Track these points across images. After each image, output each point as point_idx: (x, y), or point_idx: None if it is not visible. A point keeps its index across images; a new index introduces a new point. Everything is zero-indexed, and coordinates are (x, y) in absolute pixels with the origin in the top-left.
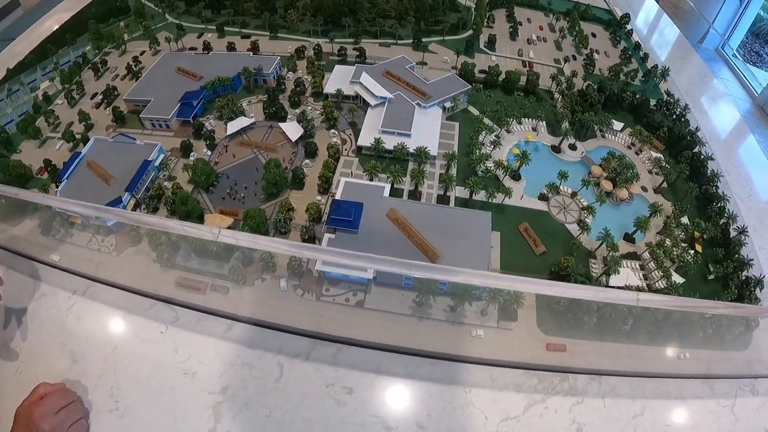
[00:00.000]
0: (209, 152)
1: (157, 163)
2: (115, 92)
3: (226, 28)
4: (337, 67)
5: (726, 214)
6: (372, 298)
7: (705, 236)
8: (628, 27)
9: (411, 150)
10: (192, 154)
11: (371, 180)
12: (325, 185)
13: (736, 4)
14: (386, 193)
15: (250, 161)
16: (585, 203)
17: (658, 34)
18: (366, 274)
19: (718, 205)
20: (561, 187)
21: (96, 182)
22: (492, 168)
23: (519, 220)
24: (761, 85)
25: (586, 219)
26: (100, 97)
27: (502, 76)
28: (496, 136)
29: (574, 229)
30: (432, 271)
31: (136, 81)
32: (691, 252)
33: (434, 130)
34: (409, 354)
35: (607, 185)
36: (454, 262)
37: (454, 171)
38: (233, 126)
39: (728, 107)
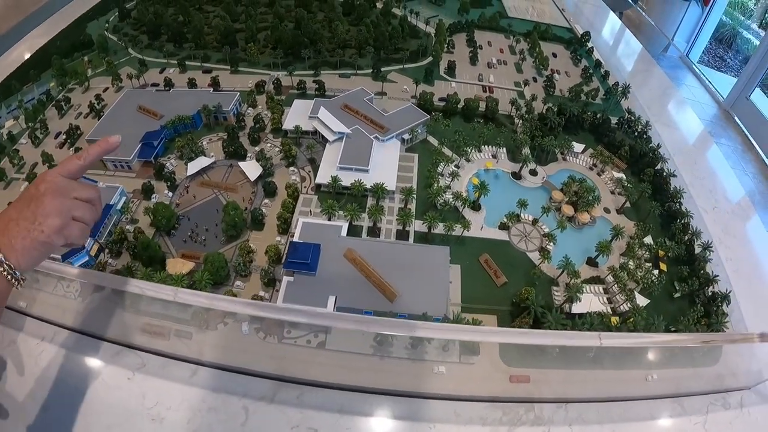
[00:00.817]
0: (170, 193)
1: (119, 207)
2: (78, 131)
3: (187, 63)
4: (296, 101)
5: (690, 231)
6: (333, 338)
7: (669, 255)
8: (589, 45)
9: (368, 186)
10: (153, 196)
11: (329, 219)
12: (284, 225)
13: (699, 12)
14: (344, 232)
15: (210, 202)
16: (546, 230)
17: (621, 49)
18: (326, 311)
19: (682, 221)
20: (522, 215)
21: None
22: (450, 200)
23: (480, 251)
24: (727, 89)
25: (547, 246)
26: (64, 136)
27: (461, 104)
28: (455, 166)
29: (535, 257)
30: (400, 328)
31: (98, 119)
32: (656, 272)
33: (392, 164)
34: (373, 393)
35: (568, 210)
36: (412, 299)
37: (413, 206)
38: (193, 166)
39: (692, 117)
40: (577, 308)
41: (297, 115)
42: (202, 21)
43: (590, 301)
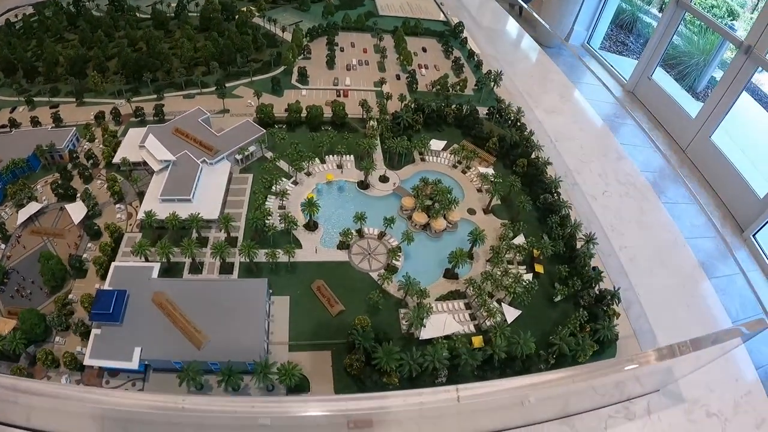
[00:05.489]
0: (3, 245)
1: None
2: None
3: (36, 99)
4: (130, 131)
5: (570, 224)
6: (150, 386)
7: (545, 254)
8: (463, 35)
9: (183, 217)
10: None
11: (146, 260)
12: (104, 270)
13: (596, 1)
14: (155, 274)
15: (40, 250)
16: (395, 244)
17: (506, 39)
18: (132, 364)
19: (560, 214)
20: (366, 230)
21: None
22: (273, 224)
23: (315, 277)
24: (630, 72)
25: (395, 262)
26: None
27: (304, 113)
28: (293, 182)
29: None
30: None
31: None
32: (528, 277)
33: (219, 189)
34: None
35: (419, 218)
36: (224, 344)
37: (240, 234)
38: (24, 213)
39: (580, 100)
40: (427, 333)
41: (131, 146)
42: (55, 52)
43: (444, 322)
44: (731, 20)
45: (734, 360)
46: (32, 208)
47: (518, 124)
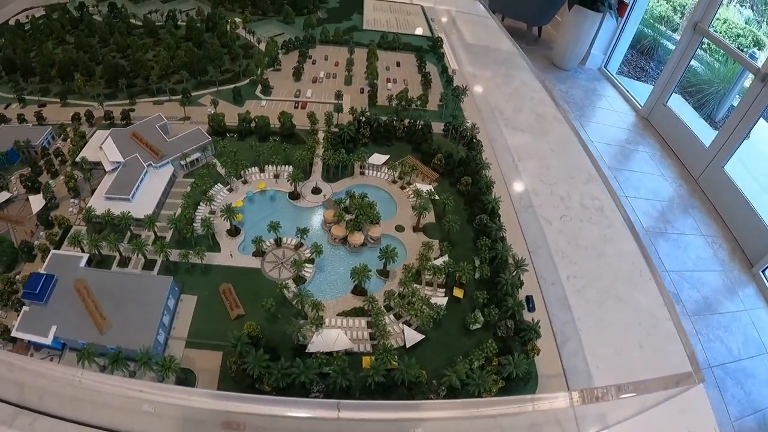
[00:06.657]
0: None
1: None
2: None
3: (28, 98)
4: (97, 133)
5: (502, 247)
6: (64, 362)
7: (465, 278)
8: (441, 51)
9: (115, 214)
10: None
11: (83, 251)
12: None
13: (614, 25)
14: (83, 263)
15: (2, 235)
16: (309, 255)
17: (493, 57)
18: (47, 340)
19: (495, 237)
20: (285, 240)
21: None
22: (196, 228)
23: (226, 280)
24: (645, 97)
25: (304, 273)
26: None
27: (253, 123)
28: (229, 189)
29: (291, 286)
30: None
31: None
32: (441, 301)
33: (157, 192)
34: (90, 426)
35: (338, 231)
36: (123, 330)
37: (169, 235)
38: None
39: (557, 120)
40: (315, 347)
41: (94, 147)
42: (51, 54)
43: (336, 337)
44: (757, 50)
45: (690, 409)
46: (2, 196)
47: (473, 140)
